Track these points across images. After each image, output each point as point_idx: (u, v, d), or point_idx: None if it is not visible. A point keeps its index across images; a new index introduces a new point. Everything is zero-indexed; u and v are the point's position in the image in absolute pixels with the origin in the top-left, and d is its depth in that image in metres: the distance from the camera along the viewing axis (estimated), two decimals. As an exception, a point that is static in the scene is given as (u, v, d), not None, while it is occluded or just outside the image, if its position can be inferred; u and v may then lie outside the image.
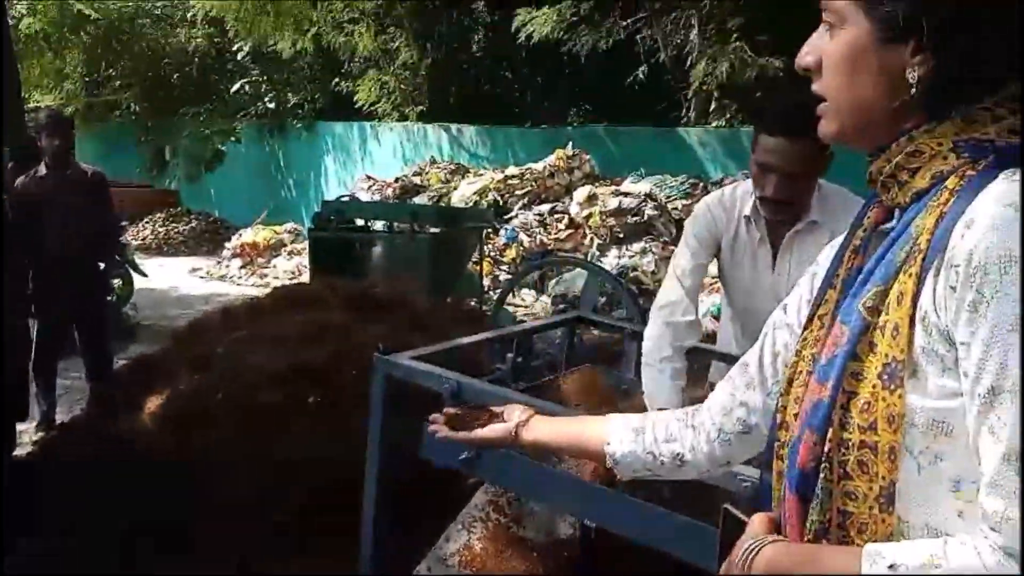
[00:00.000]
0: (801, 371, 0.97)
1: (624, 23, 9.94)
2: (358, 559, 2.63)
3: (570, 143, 10.35)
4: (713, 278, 3.43)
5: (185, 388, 3.65)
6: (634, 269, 8.64)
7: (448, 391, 2.40)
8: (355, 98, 13.08)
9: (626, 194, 9.31)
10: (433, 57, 12.53)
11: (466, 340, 3.02)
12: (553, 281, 8.66)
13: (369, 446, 2.60)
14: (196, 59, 15.60)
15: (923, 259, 0.84)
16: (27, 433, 4.53)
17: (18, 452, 4.17)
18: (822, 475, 0.88)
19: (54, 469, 3.48)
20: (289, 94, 14.36)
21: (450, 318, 4.89)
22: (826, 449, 0.88)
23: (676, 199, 9.21)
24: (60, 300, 4.80)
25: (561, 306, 7.81)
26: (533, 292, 8.79)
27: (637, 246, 8.85)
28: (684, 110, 10.04)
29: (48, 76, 15.79)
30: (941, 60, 0.86)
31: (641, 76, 9.87)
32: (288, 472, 3.32)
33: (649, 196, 9.14)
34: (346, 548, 2.71)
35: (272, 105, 14.29)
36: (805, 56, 0.96)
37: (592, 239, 9.18)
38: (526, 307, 8.53)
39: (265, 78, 14.55)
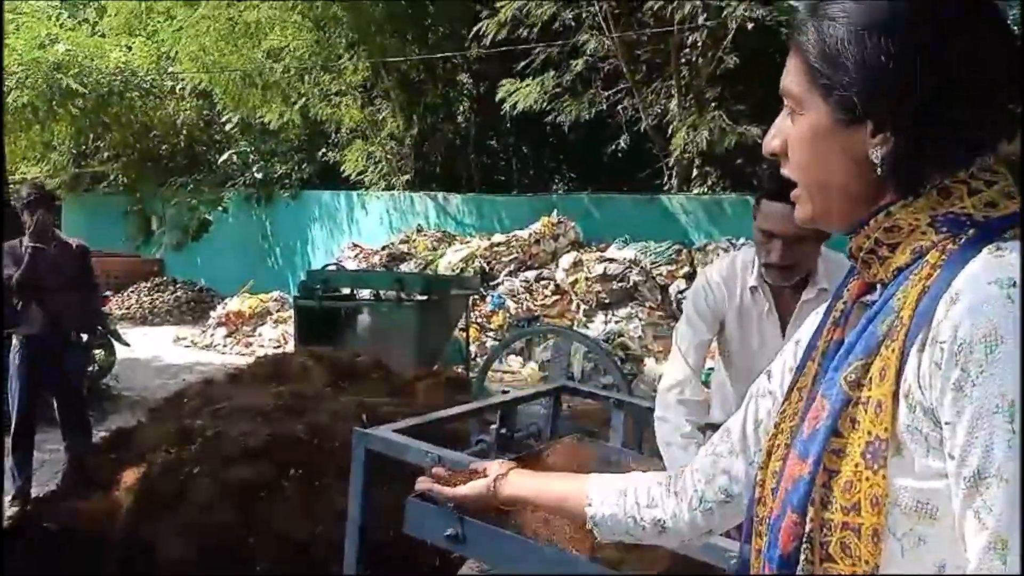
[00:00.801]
0: (779, 444, 0.95)
1: (606, 94, 10.15)
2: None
3: (555, 210, 10.46)
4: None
5: (161, 462, 3.56)
6: (620, 335, 8.65)
7: (429, 464, 2.35)
8: (342, 167, 13.21)
9: (611, 260, 9.38)
10: (419, 127, 12.70)
11: (448, 412, 2.96)
12: (540, 348, 8.64)
13: (349, 523, 2.53)
14: (184, 130, 15.76)
15: (906, 333, 0.82)
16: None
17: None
18: (803, 556, 0.86)
19: (21, 547, 3.37)
20: (276, 164, 14.49)
21: (434, 386, 4.85)
22: (807, 529, 0.85)
23: (661, 265, 9.27)
24: (39, 372, 4.73)
25: (547, 373, 7.78)
26: (520, 359, 8.76)
27: (623, 312, 8.88)
28: (666, 177, 10.17)
29: (35, 148, 15.90)
30: (901, 140, 0.85)
31: (623, 145, 10.02)
32: (264, 549, 3.25)
33: (634, 262, 9.21)
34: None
35: (260, 175, 14.40)
36: (771, 141, 0.96)
37: (578, 305, 9.21)
38: (513, 374, 8.49)
39: (253, 148, 14.68)
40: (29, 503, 4.46)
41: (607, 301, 9.03)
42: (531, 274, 9.54)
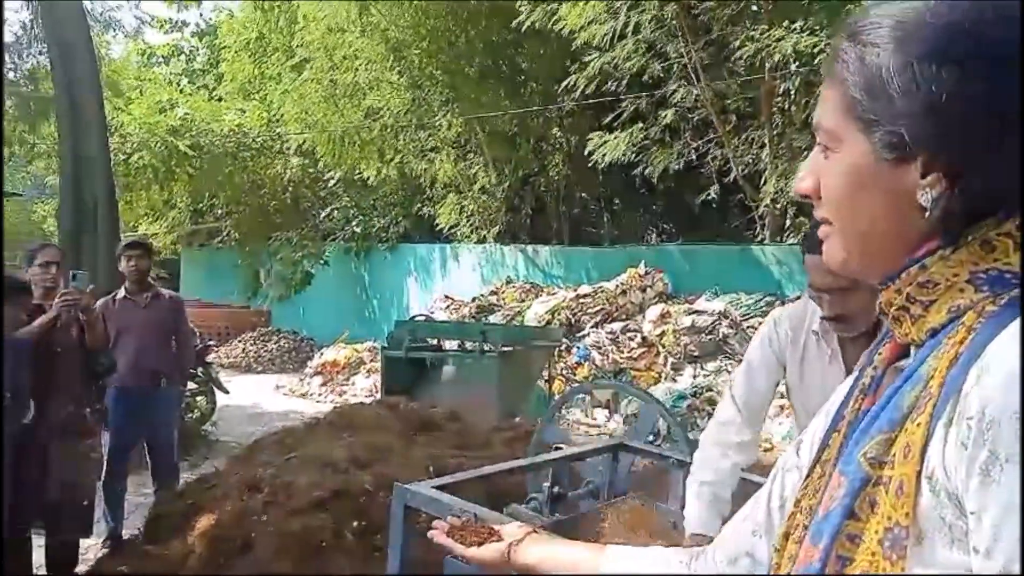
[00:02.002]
0: (798, 525, 0.87)
1: (695, 144, 10.08)
2: None
3: (643, 262, 10.38)
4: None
5: (231, 510, 3.68)
6: (709, 389, 8.45)
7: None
8: (436, 221, 13.52)
9: (700, 312, 9.22)
10: (510, 181, 12.92)
11: (493, 468, 2.95)
12: (625, 401, 8.52)
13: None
14: (290, 187, 16.52)
15: (934, 406, 0.72)
16: (92, 549, 4.62)
17: (79, 569, 4.26)
18: None
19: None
20: (375, 218, 14.97)
21: (511, 438, 4.85)
22: None
23: (752, 317, 9.05)
24: (133, 419, 4.96)
25: (629, 428, 7.66)
26: (606, 412, 8.66)
27: (712, 365, 8.68)
28: (758, 228, 9.97)
29: (155, 207, 16.96)
30: (954, 181, 0.75)
31: (714, 195, 9.91)
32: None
33: (724, 314, 9.02)
34: None
35: (359, 229, 14.91)
36: (803, 181, 0.88)
37: (666, 358, 9.06)
38: (599, 427, 8.40)
39: (353, 204, 15.23)
40: (119, 545, 4.66)
41: (696, 354, 8.85)
42: (617, 326, 9.46)
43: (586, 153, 10.71)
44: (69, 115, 7.64)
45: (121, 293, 5.06)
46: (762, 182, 9.60)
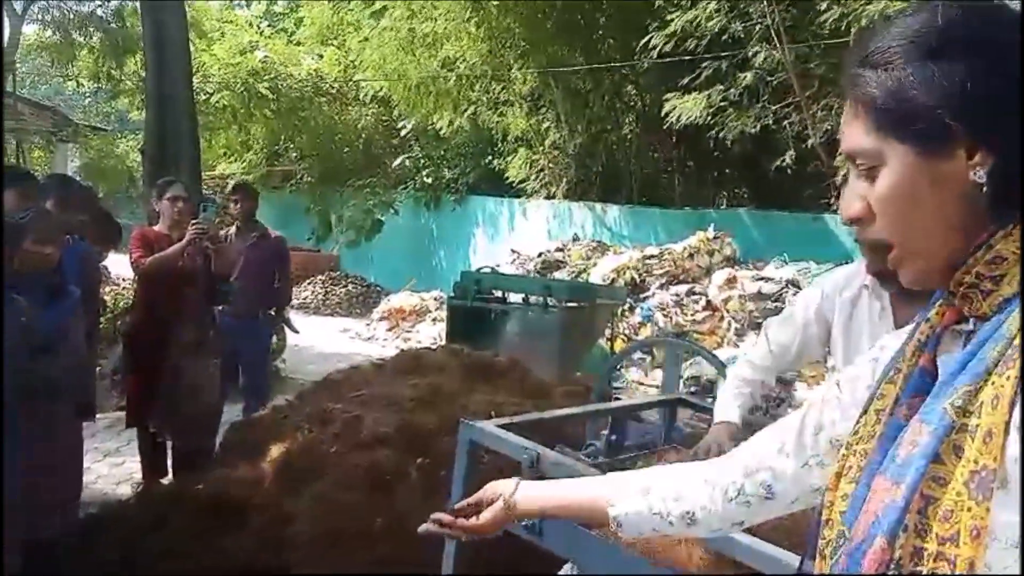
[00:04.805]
0: (851, 466, 0.92)
1: (773, 108, 9.86)
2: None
3: (712, 225, 10.29)
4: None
5: (302, 440, 3.86)
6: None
7: (527, 461, 2.45)
8: (506, 175, 13.55)
9: (768, 279, 9.12)
10: (582, 138, 12.84)
11: (556, 413, 3.05)
12: (686, 363, 8.52)
13: (448, 509, 2.66)
14: (364, 135, 16.71)
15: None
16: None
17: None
18: None
19: (180, 507, 3.75)
20: (445, 169, 15.07)
21: (571, 392, 4.93)
22: (896, 556, 0.81)
23: (820, 286, 8.91)
24: (236, 346, 5.26)
25: (693, 388, 7.68)
26: (663, 372, 8.68)
27: (776, 333, 8.61)
28: (833, 196, 9.76)
29: (233, 147, 17.36)
30: (1000, 152, 0.82)
31: (789, 161, 9.70)
32: (387, 531, 3.44)
33: (792, 282, 8.90)
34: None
35: (429, 179, 15.04)
36: (851, 207, 0.92)
37: (729, 323, 9.01)
38: (658, 387, 8.43)
39: (424, 154, 15.35)
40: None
41: (760, 320, 8.76)
42: (682, 288, 9.43)
43: (662, 114, 10.57)
44: (155, 53, 7.87)
45: (232, 231, 5.36)
46: (839, 150, 9.37)
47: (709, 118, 10.07)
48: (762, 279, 9.05)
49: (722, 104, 10.03)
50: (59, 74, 17.55)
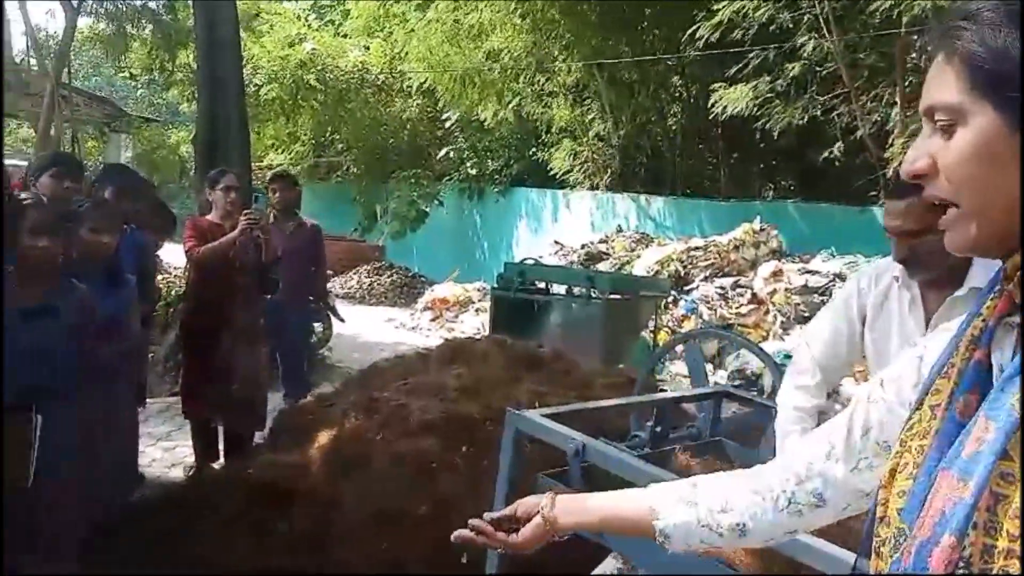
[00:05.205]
0: (907, 463, 0.91)
1: (821, 99, 9.71)
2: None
3: (758, 217, 10.18)
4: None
5: (349, 428, 3.93)
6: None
7: (572, 450, 2.48)
8: (550, 166, 13.54)
9: (814, 272, 9.01)
10: (626, 129, 12.77)
11: (601, 403, 3.07)
12: (731, 356, 8.46)
13: (496, 497, 2.70)
14: (409, 126, 16.82)
15: None
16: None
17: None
18: None
19: (228, 490, 3.84)
20: (489, 160, 15.11)
21: (613, 384, 4.94)
22: (966, 554, 0.80)
23: (868, 280, 8.77)
24: (275, 334, 5.36)
25: (738, 382, 7.63)
26: (711, 366, 8.63)
27: (823, 327, 8.50)
28: (882, 189, 9.60)
29: (281, 138, 17.60)
30: None
31: (837, 153, 9.56)
32: (433, 517, 3.49)
33: (839, 276, 8.78)
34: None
35: (473, 170, 15.09)
36: (916, 162, 0.89)
37: (775, 316, 8.92)
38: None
39: (468, 145, 15.40)
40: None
41: (806, 314, 8.66)
42: (727, 281, 9.35)
43: (708, 105, 10.47)
44: (207, 46, 8.01)
45: (271, 219, 5.47)
46: (889, 142, 9.20)
47: (756, 109, 9.95)
48: (808, 272, 8.94)
49: (769, 95, 9.90)
50: (112, 66, 17.94)
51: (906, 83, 8.98)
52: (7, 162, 3.95)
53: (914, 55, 9.01)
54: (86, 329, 2.95)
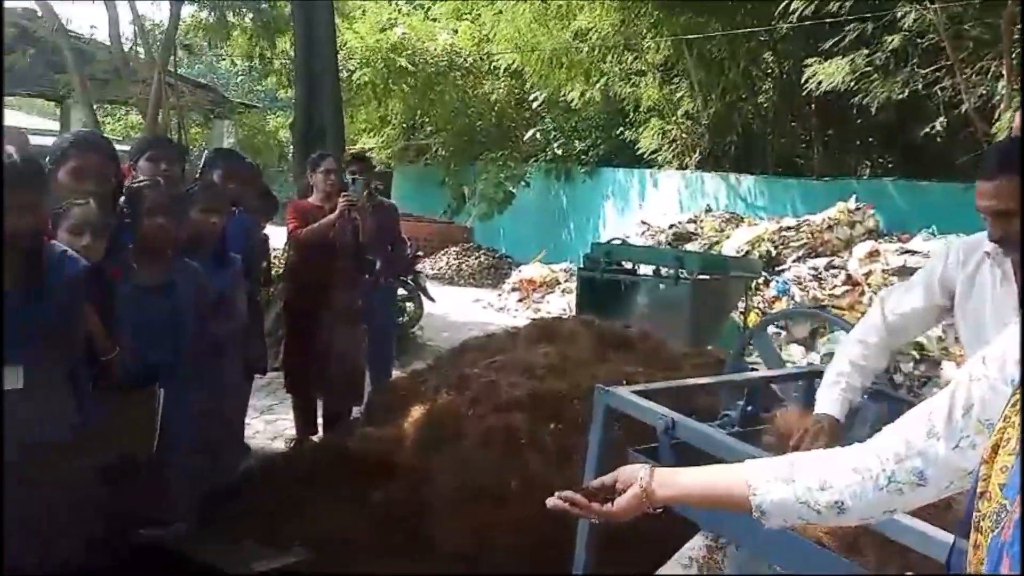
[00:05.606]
0: (1010, 438, 0.91)
1: (923, 72, 9.33)
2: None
3: (854, 196, 9.88)
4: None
5: (441, 403, 4.05)
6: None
7: (662, 426, 2.51)
8: (637, 146, 13.43)
9: (914, 252, 8.71)
10: (716, 107, 12.55)
11: (691, 381, 3.09)
12: (824, 339, 8.29)
13: (584, 474, 2.76)
14: (496, 108, 16.92)
15: None
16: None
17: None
18: None
19: (329, 461, 4.02)
20: (576, 141, 15.07)
21: (702, 365, 4.92)
22: None
23: (972, 261, 8.43)
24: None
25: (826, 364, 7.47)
26: (802, 349, 8.47)
27: (921, 308, 8.23)
28: (989, 166, 9.18)
29: (372, 122, 17.94)
30: None
31: (939, 128, 9.18)
32: (521, 492, 3.57)
33: (940, 256, 8.47)
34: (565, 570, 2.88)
35: (560, 151, 15.08)
36: None
37: (871, 298, 8.68)
38: (793, 364, 8.24)
39: (555, 126, 15.39)
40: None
41: (904, 295, 8.42)
42: (821, 262, 9.13)
43: (802, 81, 10.20)
44: (304, 33, 8.24)
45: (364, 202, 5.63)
46: (995, 116, 8.78)
47: (852, 84, 9.64)
48: (907, 252, 8.65)
49: (867, 69, 9.57)
50: (214, 53, 18.59)
51: (1013, 55, 8.56)
52: (119, 148, 4.14)
53: (1021, 25, 8.57)
54: (201, 306, 3.13)
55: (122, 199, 3.14)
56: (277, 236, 5.43)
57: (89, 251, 2.60)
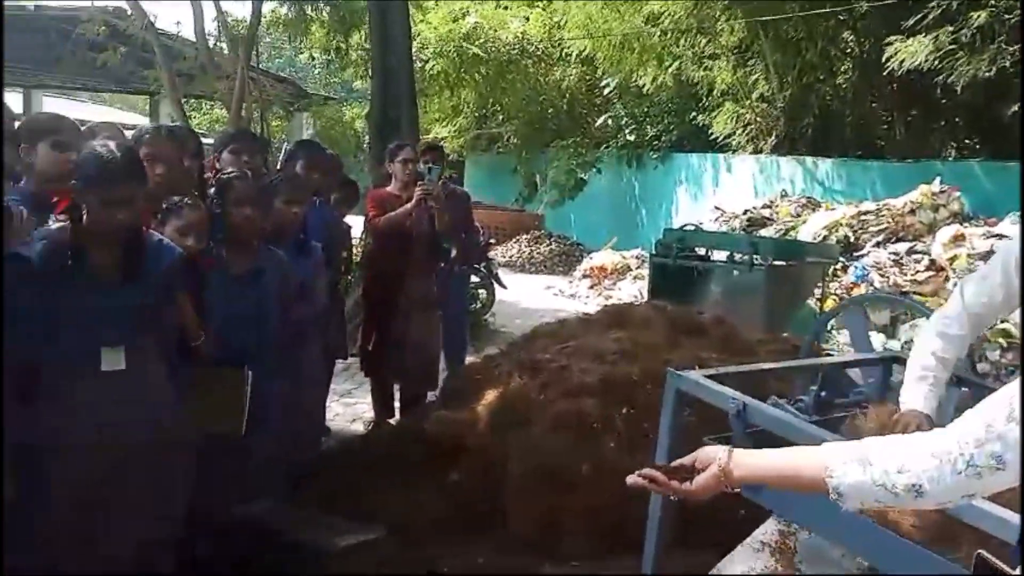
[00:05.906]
0: None
1: (1011, 49, 8.97)
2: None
3: (938, 179, 9.57)
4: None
5: (514, 387, 4.12)
6: (1004, 320, 7.77)
7: (733, 410, 2.52)
8: (710, 130, 13.25)
9: (1001, 236, 8.41)
10: (792, 89, 12.28)
11: (763, 366, 3.08)
12: (906, 326, 8.08)
13: (656, 457, 2.79)
14: (568, 95, 16.88)
15: None
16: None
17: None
18: None
19: (405, 441, 4.14)
20: (647, 126, 14.95)
21: (777, 351, 4.88)
22: None
23: (1063, 244, 8.09)
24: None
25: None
26: (882, 336, 8.28)
27: (1008, 294, 7.94)
28: (1081, 144, 8.79)
29: (445, 111, 18.12)
30: None
31: (1030, 107, 8.82)
32: (592, 476, 3.62)
33: (1029, 240, 8.16)
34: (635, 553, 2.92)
35: (632, 137, 14.98)
36: None
37: (955, 284, 8.42)
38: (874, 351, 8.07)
39: (627, 112, 15.29)
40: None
41: (990, 281, 8.13)
42: (902, 246, 8.88)
43: (883, 60, 9.90)
44: (379, 26, 8.38)
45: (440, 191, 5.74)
46: None
47: (936, 62, 9.31)
48: (994, 236, 8.35)
49: (951, 47, 9.23)
50: (293, 47, 19.02)
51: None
52: (204, 141, 4.31)
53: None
54: (285, 295, 3.27)
55: (211, 191, 3.30)
56: (356, 224, 5.58)
57: (191, 248, 2.78)
